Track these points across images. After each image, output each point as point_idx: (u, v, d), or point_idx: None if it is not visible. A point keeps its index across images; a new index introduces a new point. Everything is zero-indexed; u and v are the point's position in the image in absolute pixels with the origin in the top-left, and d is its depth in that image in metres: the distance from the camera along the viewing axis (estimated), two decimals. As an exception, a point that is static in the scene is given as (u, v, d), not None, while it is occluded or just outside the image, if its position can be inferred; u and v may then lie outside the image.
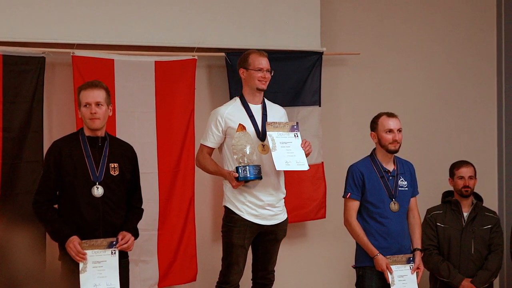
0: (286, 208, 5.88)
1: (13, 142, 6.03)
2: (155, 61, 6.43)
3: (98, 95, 5.05)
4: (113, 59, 6.31)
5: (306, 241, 6.99)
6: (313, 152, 6.89)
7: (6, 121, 6.02)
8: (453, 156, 6.94)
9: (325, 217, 6.96)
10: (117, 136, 6.27)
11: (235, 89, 6.65)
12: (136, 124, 6.44)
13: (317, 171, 6.95)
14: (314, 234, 6.89)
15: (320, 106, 7.03)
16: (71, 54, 6.14)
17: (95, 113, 4.98)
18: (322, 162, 6.97)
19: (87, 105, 5.01)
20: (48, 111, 6.26)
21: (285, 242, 5.84)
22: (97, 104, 5.02)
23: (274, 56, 6.87)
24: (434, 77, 7.66)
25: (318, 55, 7.01)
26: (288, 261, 6.59)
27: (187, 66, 6.53)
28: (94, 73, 6.21)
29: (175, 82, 6.55)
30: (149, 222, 6.34)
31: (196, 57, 6.55)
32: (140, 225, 6.15)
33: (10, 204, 5.99)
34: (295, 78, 6.97)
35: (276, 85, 6.87)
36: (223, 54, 6.68)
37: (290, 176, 6.76)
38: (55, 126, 6.34)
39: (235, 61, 6.60)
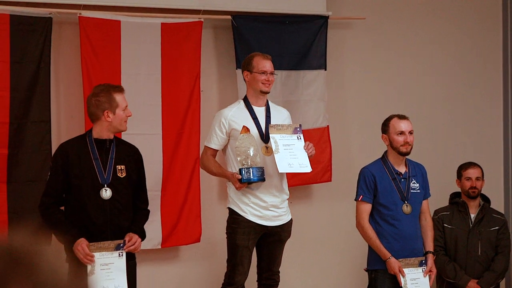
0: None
1: (20, 102, 5.95)
2: (161, 23, 6.30)
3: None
4: (119, 21, 6.18)
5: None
6: (318, 115, 6.92)
7: (13, 81, 5.96)
8: (461, 158, 6.81)
9: (330, 180, 6.86)
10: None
11: (241, 52, 6.51)
12: (142, 86, 6.33)
13: (322, 134, 6.82)
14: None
15: (325, 70, 6.89)
16: (78, 15, 6.02)
17: (131, 115, 5.00)
18: (328, 126, 6.84)
19: (126, 108, 4.97)
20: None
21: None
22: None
23: (280, 19, 6.81)
24: (440, 78, 7.46)
25: (324, 19, 6.83)
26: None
27: (193, 28, 6.40)
28: (101, 34, 6.12)
29: (181, 45, 6.42)
30: (152, 183, 6.23)
31: (202, 20, 6.42)
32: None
33: (18, 164, 5.95)
34: (301, 42, 6.82)
35: (282, 49, 6.73)
36: (229, 17, 6.55)
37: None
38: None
39: (241, 24, 6.54)
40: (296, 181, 6.33)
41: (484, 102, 7.62)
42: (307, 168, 5.44)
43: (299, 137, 5.49)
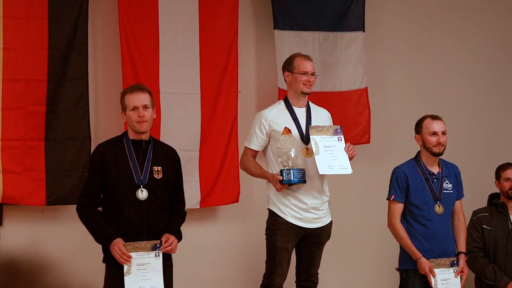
0: None
1: (58, 60, 5.82)
2: (199, -18, 6.09)
3: (144, 98, 4.77)
4: (157, -21, 5.98)
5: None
6: (357, 76, 6.74)
7: (51, 39, 5.82)
8: (500, 158, 6.53)
9: (369, 142, 6.68)
10: (159, 58, 6.09)
11: (279, 14, 6.37)
12: (179, 45, 6.16)
13: (361, 96, 6.65)
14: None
15: (363, 31, 6.67)
16: (116, -27, 5.80)
17: (143, 116, 4.73)
18: (366, 87, 6.65)
19: (135, 109, 4.75)
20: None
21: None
22: (144, 107, 4.75)
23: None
24: (478, 77, 7.27)
25: (362, -20, 6.60)
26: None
27: (230, -13, 6.21)
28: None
29: (219, 4, 6.25)
30: (190, 142, 6.17)
31: (240, -19, 6.18)
32: (182, 146, 5.99)
33: (56, 122, 5.85)
34: (338, 3, 6.59)
35: (320, 10, 6.49)
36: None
37: (334, 101, 6.70)
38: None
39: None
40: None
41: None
42: (348, 170, 5.24)
43: (339, 139, 5.30)
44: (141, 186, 4.78)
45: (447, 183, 5.41)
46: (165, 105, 6.13)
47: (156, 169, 4.83)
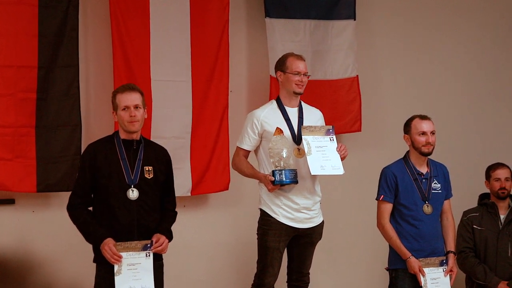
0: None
1: (48, 47, 5.78)
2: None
3: (135, 98, 4.73)
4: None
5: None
6: (348, 65, 6.68)
7: (42, 26, 5.76)
8: (489, 158, 6.48)
9: (360, 131, 6.64)
10: (150, 46, 6.05)
11: (270, 2, 6.35)
12: (170, 33, 6.12)
13: (352, 84, 6.59)
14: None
15: (355, 20, 6.61)
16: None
17: (134, 116, 4.70)
18: (357, 76, 6.60)
19: (126, 109, 4.72)
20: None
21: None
22: (136, 107, 4.71)
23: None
24: (468, 78, 7.21)
25: (353, -33, 6.51)
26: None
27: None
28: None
29: None
30: (181, 129, 6.13)
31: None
32: (173, 133, 6.01)
33: (46, 109, 5.81)
34: None
35: None
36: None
37: (325, 89, 6.66)
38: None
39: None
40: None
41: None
42: (340, 170, 5.22)
43: (331, 139, 5.27)
44: (132, 186, 4.75)
45: (436, 183, 5.39)
46: (156, 92, 6.09)
47: (147, 169, 4.80)
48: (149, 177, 4.79)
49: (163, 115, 6.11)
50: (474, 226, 6.17)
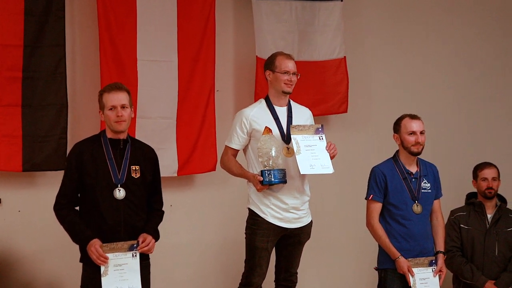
0: (308, 100, 5.59)
1: (34, 25, 5.72)
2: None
3: (122, 98, 4.69)
4: None
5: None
6: (335, 46, 6.61)
7: (27, 5, 5.71)
8: (477, 158, 6.45)
9: (346, 112, 6.55)
10: (137, 26, 5.99)
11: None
12: (157, 12, 6.06)
13: (339, 65, 6.50)
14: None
15: (342, 0, 6.53)
16: None
17: (121, 115, 4.67)
18: (345, 57, 6.50)
19: (113, 108, 4.68)
20: None
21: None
22: (123, 106, 4.68)
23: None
24: (457, 79, 7.14)
25: None
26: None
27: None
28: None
29: None
30: (167, 110, 6.06)
31: None
32: (159, 113, 5.98)
33: (33, 88, 5.76)
34: None
35: None
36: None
37: (312, 70, 6.62)
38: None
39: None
40: (314, 112, 6.19)
41: (500, 101, 7.22)
42: (329, 169, 5.14)
43: (321, 138, 5.19)
44: (119, 186, 4.71)
45: (425, 183, 5.34)
46: (142, 72, 6.02)
47: (134, 168, 4.76)
48: (136, 177, 4.76)
49: (149, 95, 6.03)
50: (461, 225, 6.14)
